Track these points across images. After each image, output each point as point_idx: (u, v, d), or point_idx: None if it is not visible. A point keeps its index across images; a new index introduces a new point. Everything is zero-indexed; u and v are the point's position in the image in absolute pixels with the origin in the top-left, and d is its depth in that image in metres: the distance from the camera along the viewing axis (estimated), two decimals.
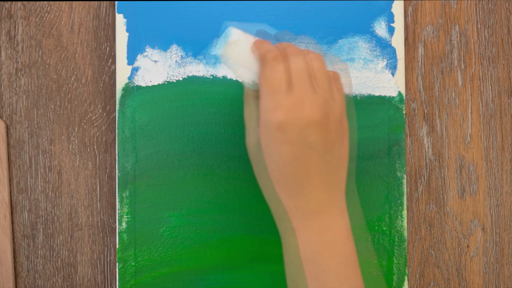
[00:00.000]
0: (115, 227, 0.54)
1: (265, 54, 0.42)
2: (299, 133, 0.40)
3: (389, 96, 0.54)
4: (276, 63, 0.42)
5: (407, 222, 0.55)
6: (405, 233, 0.54)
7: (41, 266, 0.54)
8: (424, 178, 0.56)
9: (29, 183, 0.54)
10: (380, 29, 0.54)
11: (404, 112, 0.54)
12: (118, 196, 0.52)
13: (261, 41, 0.44)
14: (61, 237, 0.54)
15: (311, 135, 0.41)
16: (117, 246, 0.52)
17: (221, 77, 0.53)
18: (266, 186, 0.43)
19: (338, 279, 0.42)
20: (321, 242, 0.42)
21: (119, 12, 0.53)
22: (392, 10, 0.54)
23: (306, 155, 0.41)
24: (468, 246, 0.56)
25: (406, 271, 0.54)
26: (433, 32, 0.56)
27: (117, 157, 0.52)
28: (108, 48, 0.54)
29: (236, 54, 0.45)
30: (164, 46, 0.53)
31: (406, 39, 0.56)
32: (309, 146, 0.41)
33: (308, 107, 0.41)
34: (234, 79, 0.53)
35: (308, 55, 0.43)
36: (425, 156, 0.56)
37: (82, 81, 0.54)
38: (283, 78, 0.41)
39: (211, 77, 0.53)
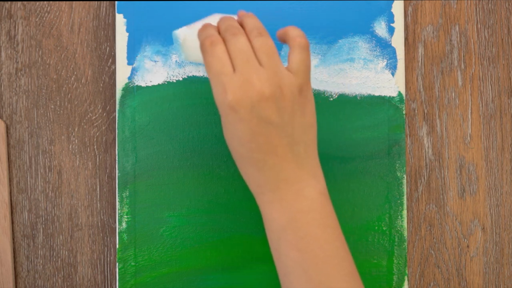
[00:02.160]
0: (115, 227, 0.54)
1: (203, 41, 0.43)
2: (251, 109, 0.41)
3: (389, 96, 0.54)
4: (214, 48, 0.42)
5: (407, 222, 0.55)
6: (405, 233, 0.54)
7: (41, 266, 0.54)
8: (424, 178, 0.56)
9: (29, 183, 0.54)
10: (380, 29, 0.54)
11: (404, 112, 0.54)
12: (118, 196, 0.52)
13: (204, 27, 0.45)
14: (61, 237, 0.54)
15: (264, 109, 0.41)
16: (117, 246, 0.52)
17: None
18: (237, 162, 0.44)
19: (317, 243, 0.42)
20: (296, 209, 0.43)
21: (119, 12, 0.53)
22: (392, 10, 0.54)
23: (264, 129, 0.42)
24: (468, 246, 0.56)
25: (406, 271, 0.54)
26: (433, 32, 0.56)
27: (117, 157, 0.52)
28: (108, 48, 0.54)
29: (193, 50, 0.46)
30: (164, 46, 0.53)
31: (406, 39, 0.56)
32: (265, 121, 0.41)
33: (256, 83, 0.41)
34: None
35: (252, 32, 0.43)
36: (425, 156, 0.56)
37: (82, 81, 0.54)
38: (224, 60, 0.42)
39: None
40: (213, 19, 0.47)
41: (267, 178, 0.43)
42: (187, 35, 0.46)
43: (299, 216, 0.42)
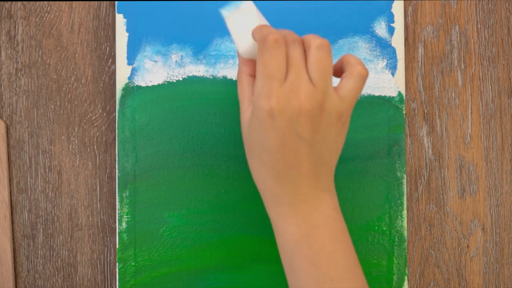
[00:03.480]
0: (115, 227, 0.54)
1: (266, 35, 0.41)
2: (288, 121, 0.40)
3: (389, 96, 0.54)
4: (277, 47, 0.41)
5: (407, 222, 0.55)
6: (405, 233, 0.54)
7: (41, 266, 0.54)
8: (424, 178, 0.56)
9: (29, 183, 0.54)
10: (380, 29, 0.54)
11: (404, 112, 0.54)
12: (118, 196, 0.52)
13: (263, 25, 0.43)
14: (61, 237, 0.54)
15: (301, 124, 0.41)
16: (117, 246, 0.52)
17: (221, 77, 0.53)
18: (255, 167, 0.43)
19: (332, 258, 0.42)
20: (311, 225, 0.42)
21: (119, 12, 0.53)
22: (392, 10, 0.54)
23: (294, 143, 0.41)
24: (468, 246, 0.56)
25: (406, 271, 0.54)
26: (433, 32, 0.56)
27: (117, 157, 0.52)
28: (108, 48, 0.54)
29: (241, 23, 0.44)
30: (164, 46, 0.53)
31: (406, 39, 0.56)
32: (298, 136, 0.41)
33: (302, 97, 0.40)
34: (234, 79, 0.53)
35: (314, 41, 0.41)
36: (425, 156, 0.56)
37: (82, 81, 0.54)
38: (281, 64, 0.41)
39: (211, 77, 0.53)
40: (251, 6, 0.44)
41: (285, 191, 0.42)
42: (252, 12, 0.43)
43: (314, 231, 0.42)
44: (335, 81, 0.52)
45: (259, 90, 0.41)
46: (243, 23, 0.44)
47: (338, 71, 0.44)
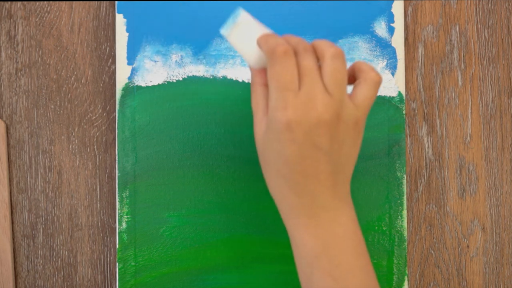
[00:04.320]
0: (115, 227, 0.54)
1: (275, 47, 0.40)
2: (306, 132, 0.40)
3: (389, 96, 0.54)
4: (287, 59, 0.40)
5: (407, 222, 0.55)
6: (405, 233, 0.54)
7: (41, 266, 0.54)
8: (424, 178, 0.56)
9: (29, 183, 0.54)
10: (380, 29, 0.54)
11: (404, 112, 0.54)
12: (118, 196, 0.52)
13: (268, 34, 0.42)
14: (61, 237, 0.54)
15: (319, 135, 0.40)
16: (117, 246, 0.52)
17: (221, 77, 0.53)
18: (272, 179, 0.42)
19: (352, 271, 0.42)
20: (331, 237, 0.42)
21: (119, 12, 0.53)
22: (392, 10, 0.54)
23: (313, 154, 0.41)
24: (468, 246, 0.56)
25: (406, 271, 0.54)
26: (433, 32, 0.56)
27: (117, 157, 0.52)
28: (108, 48, 0.54)
29: (243, 36, 0.44)
30: (164, 46, 0.53)
31: (406, 39, 0.56)
32: (316, 146, 0.40)
33: (319, 107, 0.40)
34: (234, 79, 0.53)
35: (329, 50, 0.41)
36: (425, 156, 0.56)
37: (82, 81, 0.54)
38: (294, 75, 0.40)
39: (211, 77, 0.53)
40: (246, 16, 0.44)
41: (303, 202, 0.42)
42: (250, 22, 0.43)
43: (334, 243, 0.42)
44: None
45: (274, 103, 0.40)
46: (244, 36, 0.44)
47: (350, 78, 0.44)
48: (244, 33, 0.44)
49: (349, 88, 0.46)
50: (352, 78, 0.44)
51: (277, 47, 0.40)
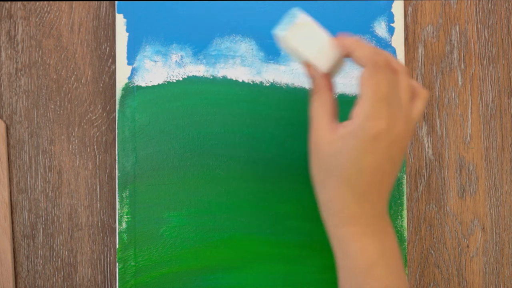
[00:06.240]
0: (115, 227, 0.54)
1: (378, 59, 0.41)
2: (389, 145, 0.41)
3: None
4: (387, 71, 0.42)
5: (407, 222, 0.55)
6: (405, 233, 0.54)
7: (41, 266, 0.54)
8: (424, 178, 0.56)
9: (29, 183, 0.54)
10: (380, 29, 0.54)
11: None
12: (118, 196, 0.52)
13: (356, 40, 0.43)
14: (61, 237, 0.54)
15: (397, 148, 0.42)
16: (117, 246, 0.52)
17: (221, 77, 0.53)
18: (333, 187, 0.42)
19: (401, 279, 0.43)
20: (386, 245, 0.43)
21: (119, 12, 0.53)
22: (392, 10, 0.54)
23: (386, 166, 0.42)
24: (468, 246, 0.56)
25: (406, 271, 0.54)
26: (433, 32, 0.56)
27: (117, 157, 0.52)
28: (108, 48, 0.54)
29: (304, 38, 0.43)
30: (164, 46, 0.53)
31: (406, 39, 0.56)
32: (392, 159, 0.42)
33: (400, 123, 0.41)
34: (234, 79, 0.53)
35: (399, 68, 0.43)
36: (425, 156, 0.56)
37: (82, 81, 0.54)
38: (393, 89, 0.41)
39: (211, 77, 0.53)
40: (304, 16, 0.44)
41: (364, 211, 0.42)
42: (308, 24, 0.43)
43: (389, 252, 0.43)
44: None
45: (369, 111, 0.41)
46: (306, 37, 0.43)
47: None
48: (305, 34, 0.43)
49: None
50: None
51: (378, 57, 0.42)
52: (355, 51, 0.42)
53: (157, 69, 0.53)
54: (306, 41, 0.43)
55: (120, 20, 0.53)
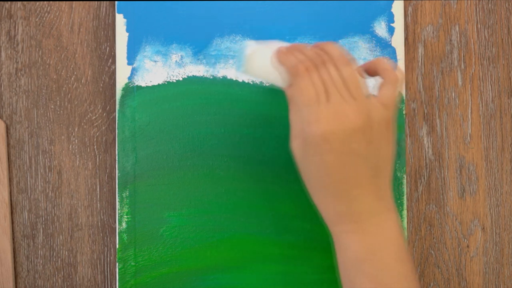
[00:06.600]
0: (115, 227, 0.54)
1: (296, 65, 0.42)
2: (343, 141, 0.41)
3: None
4: (310, 74, 0.42)
5: (407, 222, 0.55)
6: (405, 233, 0.54)
7: (41, 266, 0.54)
8: (424, 178, 0.56)
9: (29, 183, 0.54)
10: (380, 29, 0.54)
11: (404, 112, 0.54)
12: (118, 196, 0.52)
13: (289, 51, 0.44)
14: (61, 237, 0.54)
15: (355, 141, 0.41)
16: (117, 246, 0.52)
17: (221, 77, 0.53)
18: (315, 191, 0.43)
19: (395, 277, 0.42)
20: (375, 242, 0.42)
21: (119, 12, 0.53)
22: (392, 10, 0.54)
23: (352, 161, 0.41)
24: (468, 246, 0.56)
25: None
26: (433, 32, 0.56)
27: (117, 157, 0.52)
28: (108, 48, 0.54)
29: (259, 65, 0.45)
30: (164, 46, 0.53)
31: (406, 39, 0.56)
32: (355, 153, 0.41)
33: (350, 115, 0.41)
34: (234, 79, 0.53)
35: (338, 61, 0.43)
36: (425, 156, 0.56)
37: (82, 81, 0.54)
38: (320, 88, 0.42)
39: (211, 77, 0.53)
40: (276, 45, 0.46)
41: (348, 209, 0.42)
42: (257, 50, 0.45)
43: (378, 248, 0.42)
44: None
45: (306, 118, 0.41)
46: (260, 64, 0.45)
47: (372, 71, 0.45)
48: (259, 61, 0.45)
49: (370, 85, 0.46)
50: (374, 72, 0.45)
51: (298, 65, 0.42)
52: (282, 64, 0.44)
53: (157, 69, 0.53)
54: (261, 68, 0.45)
55: (120, 20, 0.53)
